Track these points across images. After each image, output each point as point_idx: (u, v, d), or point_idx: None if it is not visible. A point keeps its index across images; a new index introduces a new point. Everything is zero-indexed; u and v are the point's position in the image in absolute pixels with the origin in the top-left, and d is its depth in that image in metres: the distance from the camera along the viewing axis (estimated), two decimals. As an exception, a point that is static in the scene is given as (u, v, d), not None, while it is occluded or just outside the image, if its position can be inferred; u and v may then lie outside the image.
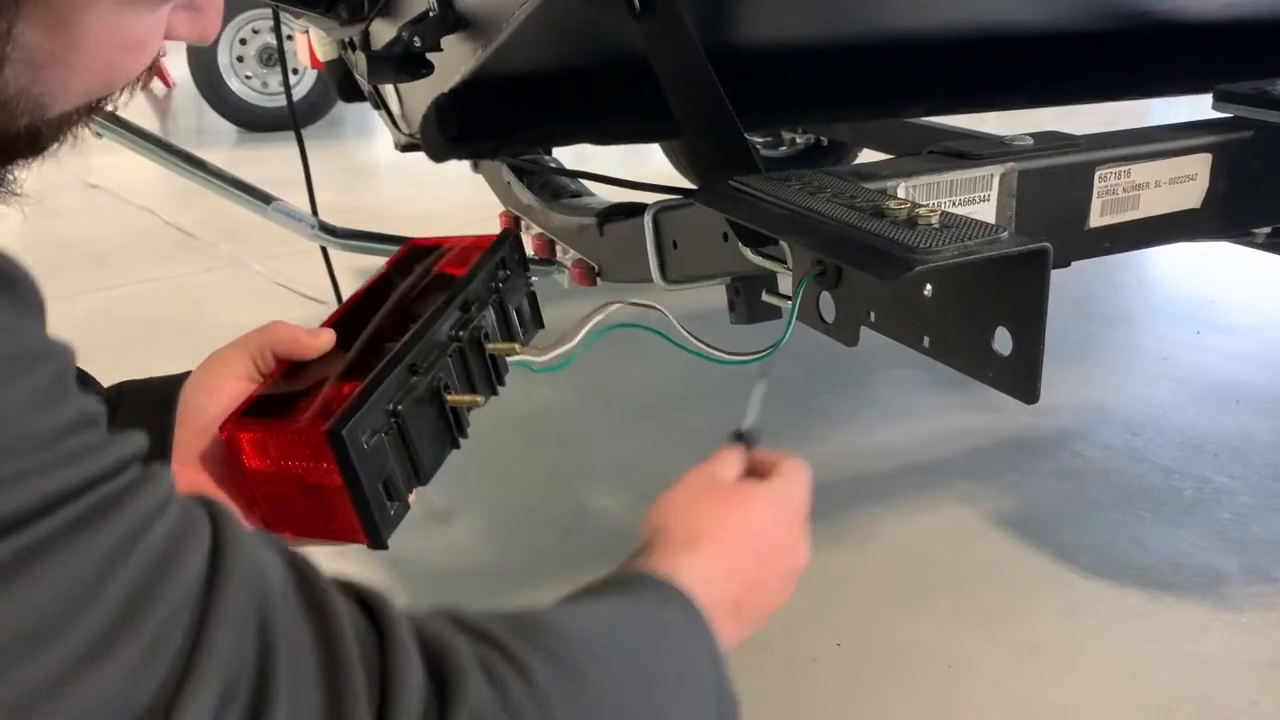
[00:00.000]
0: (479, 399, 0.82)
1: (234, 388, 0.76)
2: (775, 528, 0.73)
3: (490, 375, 0.86)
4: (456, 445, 0.81)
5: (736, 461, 0.79)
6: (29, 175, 0.53)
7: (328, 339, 0.80)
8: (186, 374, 0.78)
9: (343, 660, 0.43)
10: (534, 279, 0.95)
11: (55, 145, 0.52)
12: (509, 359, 0.86)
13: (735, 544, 0.71)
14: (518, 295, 0.92)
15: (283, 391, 0.76)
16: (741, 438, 0.80)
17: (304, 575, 0.45)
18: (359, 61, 1.69)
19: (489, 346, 0.85)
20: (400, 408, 0.74)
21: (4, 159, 0.50)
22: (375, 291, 0.89)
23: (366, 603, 0.47)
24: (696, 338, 0.85)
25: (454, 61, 1.33)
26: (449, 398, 0.79)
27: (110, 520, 0.37)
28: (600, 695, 0.52)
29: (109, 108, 0.55)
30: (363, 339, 0.81)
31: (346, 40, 1.83)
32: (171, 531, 0.39)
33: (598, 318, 0.85)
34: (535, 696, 0.48)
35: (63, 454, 0.37)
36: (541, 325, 0.96)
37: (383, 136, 3.69)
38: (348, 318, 0.85)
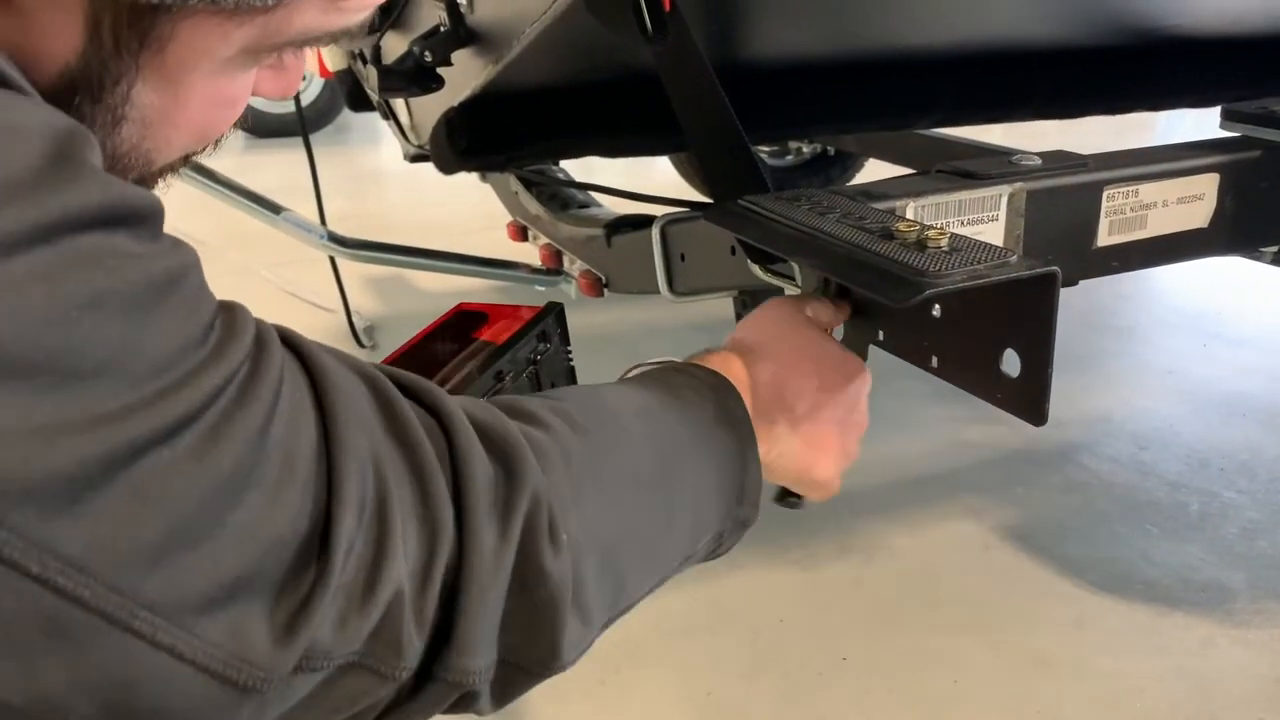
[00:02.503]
0: None
1: None
2: (840, 379, 0.83)
3: None
4: None
5: (826, 311, 0.88)
6: None
7: None
8: None
9: (425, 465, 0.52)
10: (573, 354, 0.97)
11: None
12: None
13: (797, 366, 0.80)
14: (555, 369, 0.93)
15: None
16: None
17: (379, 390, 0.53)
18: (369, 74, 1.69)
19: None
20: None
21: None
22: (414, 352, 0.91)
23: (427, 403, 0.55)
24: None
25: (464, 76, 1.34)
26: None
27: (257, 392, 0.45)
28: (623, 469, 0.64)
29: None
30: None
31: (356, 52, 1.84)
32: (292, 391, 0.48)
33: None
34: (571, 472, 0.58)
35: (214, 346, 0.44)
36: None
37: (389, 143, 3.69)
38: None
